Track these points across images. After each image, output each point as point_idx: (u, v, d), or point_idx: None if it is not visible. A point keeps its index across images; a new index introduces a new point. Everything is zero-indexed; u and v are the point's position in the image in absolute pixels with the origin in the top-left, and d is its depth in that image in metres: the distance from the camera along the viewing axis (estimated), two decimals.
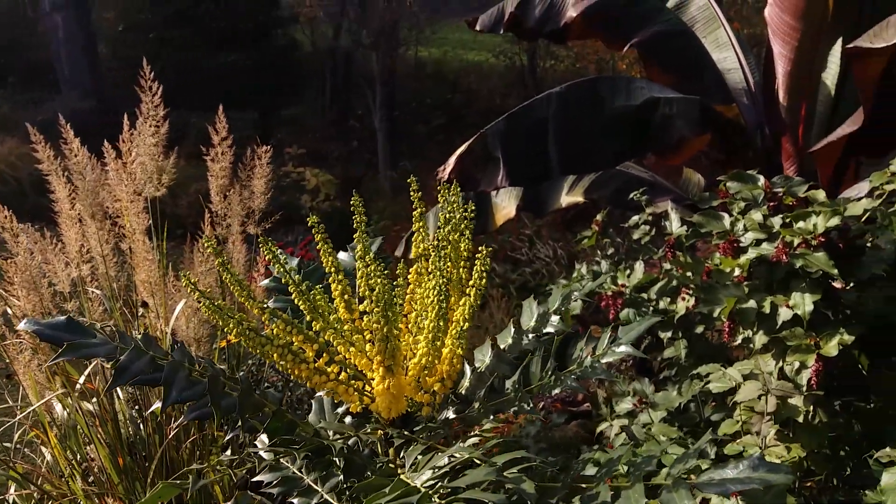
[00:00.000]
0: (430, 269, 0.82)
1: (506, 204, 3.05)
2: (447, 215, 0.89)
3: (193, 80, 8.81)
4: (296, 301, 0.80)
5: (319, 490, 0.79)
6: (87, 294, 2.07)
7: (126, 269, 2.03)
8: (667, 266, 2.44)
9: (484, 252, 0.85)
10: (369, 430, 0.82)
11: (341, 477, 0.74)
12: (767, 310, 1.88)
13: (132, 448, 2.00)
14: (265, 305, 0.80)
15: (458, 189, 0.96)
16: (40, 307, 1.78)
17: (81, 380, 1.88)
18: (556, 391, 0.86)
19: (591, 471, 2.35)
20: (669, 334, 2.36)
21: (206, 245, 0.84)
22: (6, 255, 1.79)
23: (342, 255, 0.97)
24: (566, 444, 3.06)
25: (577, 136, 2.20)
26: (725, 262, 1.96)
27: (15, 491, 2.01)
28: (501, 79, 10.98)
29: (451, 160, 2.12)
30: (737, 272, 1.94)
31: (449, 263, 0.86)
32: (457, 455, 0.66)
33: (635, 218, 2.51)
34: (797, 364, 1.84)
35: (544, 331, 0.92)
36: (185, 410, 0.76)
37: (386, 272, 0.79)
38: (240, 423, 0.76)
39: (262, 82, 9.44)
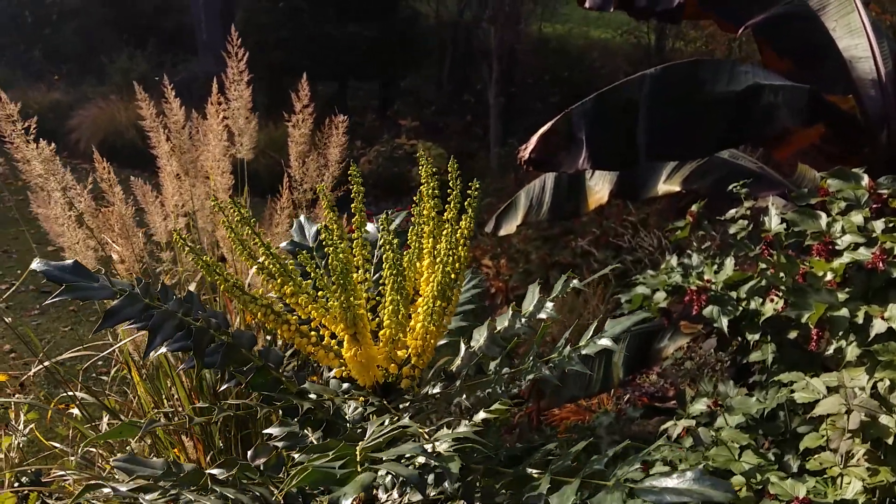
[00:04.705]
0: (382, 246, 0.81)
1: (599, 188, 2.97)
2: (430, 189, 0.88)
3: (319, 49, 9.09)
4: (264, 262, 0.82)
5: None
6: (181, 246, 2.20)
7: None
8: (763, 265, 2.30)
9: (463, 225, 0.83)
10: (347, 396, 0.84)
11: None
12: (860, 320, 1.74)
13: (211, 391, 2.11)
14: (260, 264, 0.83)
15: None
16: (133, 255, 1.91)
17: None
18: (530, 377, 0.84)
19: (659, 468, 2.27)
20: (757, 337, 2.23)
21: (234, 206, 0.87)
22: (106, 205, 1.94)
23: (370, 227, 0.98)
24: (643, 438, 2.98)
25: (669, 122, 2.10)
26: (818, 266, 1.83)
27: (107, 421, 2.19)
28: (627, 58, 10.60)
29: (534, 139, 2.08)
30: (829, 277, 1.80)
31: (431, 240, 0.85)
32: (406, 425, 0.66)
33: (732, 212, 2.37)
34: (888, 382, 1.70)
35: (538, 317, 0.90)
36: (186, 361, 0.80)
37: (393, 243, 0.79)
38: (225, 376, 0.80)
39: (384, 54, 9.59)
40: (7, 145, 1.95)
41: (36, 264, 0.82)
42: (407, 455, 0.63)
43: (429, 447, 0.67)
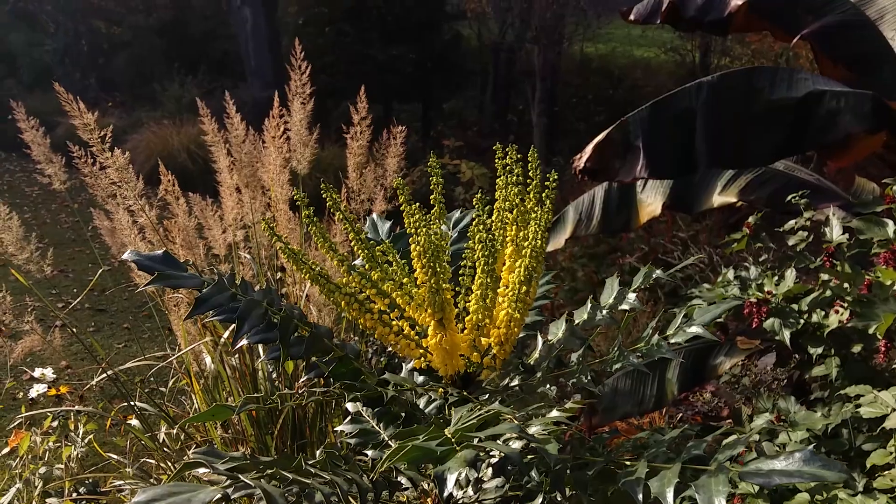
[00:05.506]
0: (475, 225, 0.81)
1: (651, 200, 2.93)
2: (513, 178, 0.88)
3: (363, 71, 9.25)
4: (355, 250, 0.83)
5: (394, 446, 0.81)
6: (239, 258, 2.25)
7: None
8: (824, 277, 2.24)
9: (541, 211, 0.83)
10: (427, 386, 0.84)
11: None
12: None
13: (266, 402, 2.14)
14: (343, 256, 0.84)
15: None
16: (195, 267, 1.96)
17: (226, 335, 2.04)
18: (617, 366, 0.83)
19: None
20: (820, 350, 2.17)
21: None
22: (169, 216, 1.99)
23: (442, 227, 0.99)
24: (698, 458, 2.91)
25: (727, 128, 2.07)
26: (886, 274, 1.77)
27: (165, 430, 2.23)
28: (670, 76, 10.54)
29: (589, 148, 2.07)
30: None
31: (514, 227, 0.85)
32: (499, 409, 0.66)
33: (791, 222, 2.32)
34: None
35: (620, 307, 0.89)
36: (267, 352, 0.82)
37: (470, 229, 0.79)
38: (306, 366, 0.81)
39: (427, 76, 9.72)
40: (75, 160, 2.02)
41: (128, 254, 0.84)
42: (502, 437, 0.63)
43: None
